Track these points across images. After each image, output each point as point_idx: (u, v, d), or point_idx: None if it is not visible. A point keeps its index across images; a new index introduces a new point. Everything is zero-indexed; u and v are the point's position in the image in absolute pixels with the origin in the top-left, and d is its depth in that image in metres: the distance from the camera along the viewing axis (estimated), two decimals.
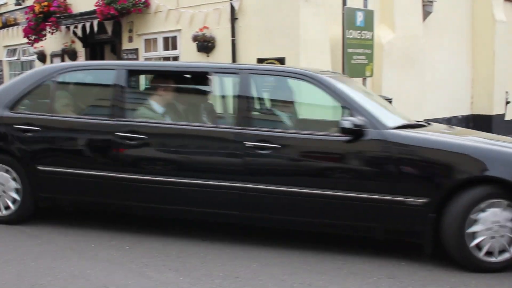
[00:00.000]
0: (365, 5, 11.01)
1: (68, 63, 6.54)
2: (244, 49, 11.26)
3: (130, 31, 13.75)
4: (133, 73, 6.07)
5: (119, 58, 14.26)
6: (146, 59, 13.59)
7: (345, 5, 10.52)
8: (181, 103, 6.09)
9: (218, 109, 5.91)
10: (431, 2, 12.98)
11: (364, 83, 11.14)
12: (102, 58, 15.57)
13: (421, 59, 12.68)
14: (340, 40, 10.61)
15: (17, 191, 5.82)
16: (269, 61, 10.42)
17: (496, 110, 14.98)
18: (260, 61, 10.61)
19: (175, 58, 12.93)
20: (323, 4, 10.72)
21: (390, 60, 11.94)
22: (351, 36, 10.60)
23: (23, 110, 5.94)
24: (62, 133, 5.80)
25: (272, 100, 5.97)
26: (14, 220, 5.85)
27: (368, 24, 10.96)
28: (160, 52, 13.27)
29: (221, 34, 11.61)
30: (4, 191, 5.84)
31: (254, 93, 5.58)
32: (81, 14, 14.12)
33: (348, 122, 4.87)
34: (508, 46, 15.55)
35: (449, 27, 14.13)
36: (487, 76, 14.82)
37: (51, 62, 16.43)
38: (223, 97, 6.08)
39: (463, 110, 14.87)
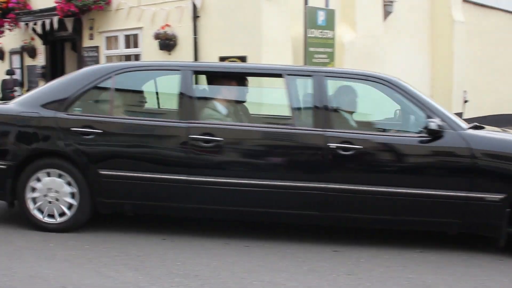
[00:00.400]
0: (327, 4, 11.11)
1: (126, 62, 6.22)
2: (206, 47, 11.25)
3: (91, 28, 13.62)
4: (200, 74, 5.86)
5: (80, 55, 14.10)
6: (107, 57, 13.47)
7: (306, 4, 10.60)
8: (248, 104, 6.10)
9: (292, 110, 5.54)
10: (391, 2, 13.15)
11: None
12: (63, 56, 15.39)
13: (382, 58, 12.84)
14: (301, 39, 10.68)
15: (72, 196, 5.49)
16: (231, 59, 10.43)
17: (454, 109, 15.24)
18: (222, 59, 10.61)
19: (137, 56, 12.85)
20: (285, 3, 10.78)
21: (351, 59, 12.05)
22: (312, 35, 10.68)
23: (79, 112, 5.63)
24: (128, 136, 5.51)
25: (347, 103, 5.91)
26: (69, 227, 5.52)
27: (330, 23, 11.06)
28: (122, 50, 13.18)
29: (183, 32, 11.58)
30: (58, 198, 5.48)
31: (330, 96, 5.53)
32: (41, 10, 13.95)
33: (434, 123, 5.08)
34: (466, 46, 15.86)
35: (409, 26, 14.34)
36: (446, 75, 15.09)
37: (10, 59, 16.16)
38: (296, 99, 5.68)
39: None
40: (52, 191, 5.48)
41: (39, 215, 5.54)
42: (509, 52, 20.23)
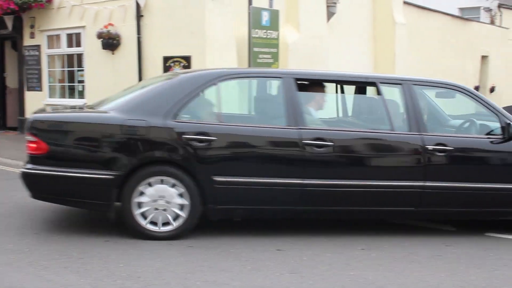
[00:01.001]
0: (271, 5, 11.17)
1: (228, 69, 6.15)
2: (150, 47, 11.16)
3: (32, 26, 13.33)
4: (300, 81, 5.97)
5: (21, 54, 13.80)
6: (49, 56, 13.23)
7: (250, 5, 10.64)
8: (346, 109, 6.81)
9: (388, 116, 5.97)
10: (335, 3, 13.33)
11: None
12: (2, 55, 15.03)
13: (326, 59, 12.99)
14: (246, 39, 10.71)
15: (182, 204, 5.46)
16: (175, 59, 10.38)
17: None
18: (166, 59, 10.55)
19: (79, 56, 12.65)
20: (229, 3, 10.79)
21: (295, 59, 12.16)
22: (256, 36, 10.72)
23: (188, 119, 5.60)
24: (243, 142, 5.65)
25: (432, 108, 6.76)
26: (177, 235, 5.49)
27: (274, 23, 11.12)
28: (64, 49, 12.95)
29: (127, 32, 11.46)
30: (167, 206, 5.44)
31: (421, 102, 6.10)
32: None
33: None
34: (408, 47, 16.20)
35: (352, 28, 14.56)
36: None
37: None
38: (390, 105, 6.12)
39: None
40: (161, 199, 5.42)
41: (147, 224, 5.46)
42: (448, 53, 20.78)
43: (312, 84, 6.32)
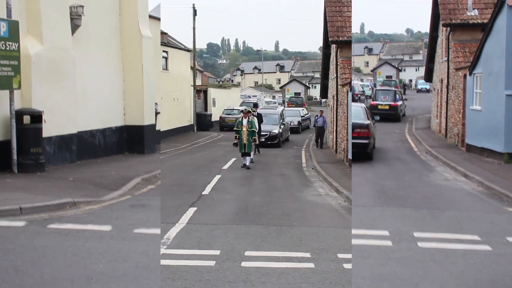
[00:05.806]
0: (9, 15, 10.70)
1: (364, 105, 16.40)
2: None
3: None
4: None
5: None
6: None
7: None
8: None
9: None
10: (79, 16, 13.14)
11: (12, 96, 10.80)
12: None
13: (72, 72, 12.77)
14: None
15: None
16: None
17: (147, 121, 15.81)
18: None
19: None
20: None
21: (39, 72, 11.76)
22: None
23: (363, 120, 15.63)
24: None
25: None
26: None
27: (13, 35, 10.66)
28: None
29: None
30: None
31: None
32: None
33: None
34: (154, 60, 16.57)
35: (99, 40, 14.49)
36: (137, 88, 15.58)
37: None
38: None
39: (117, 121, 15.36)
40: None
41: None
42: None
43: None
